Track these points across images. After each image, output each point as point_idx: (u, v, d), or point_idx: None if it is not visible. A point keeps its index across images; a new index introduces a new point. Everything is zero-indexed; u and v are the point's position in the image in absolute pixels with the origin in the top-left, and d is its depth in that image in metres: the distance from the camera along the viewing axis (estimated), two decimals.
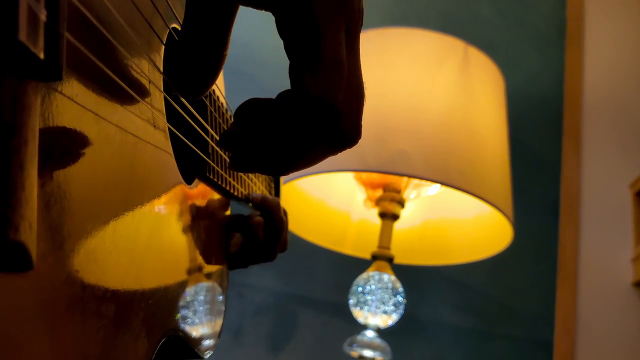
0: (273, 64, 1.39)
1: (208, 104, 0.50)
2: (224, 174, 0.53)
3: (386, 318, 1.09)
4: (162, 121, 0.38)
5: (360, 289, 1.10)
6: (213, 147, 0.50)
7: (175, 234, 0.41)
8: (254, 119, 0.35)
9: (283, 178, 0.83)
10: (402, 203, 1.13)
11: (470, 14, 1.62)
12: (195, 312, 0.45)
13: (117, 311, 0.30)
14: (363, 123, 0.37)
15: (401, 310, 1.10)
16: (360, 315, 1.10)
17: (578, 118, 1.56)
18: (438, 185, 1.11)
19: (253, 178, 0.65)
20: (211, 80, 0.41)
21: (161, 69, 0.39)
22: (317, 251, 1.29)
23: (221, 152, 0.52)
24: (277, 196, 0.78)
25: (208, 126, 0.49)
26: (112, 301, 0.29)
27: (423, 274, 1.38)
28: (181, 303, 0.41)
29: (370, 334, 1.09)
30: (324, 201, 1.27)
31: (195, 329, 0.45)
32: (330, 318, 1.39)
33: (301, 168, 0.36)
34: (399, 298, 1.10)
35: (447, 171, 1.03)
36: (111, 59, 0.30)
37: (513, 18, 1.63)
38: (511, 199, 1.14)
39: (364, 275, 1.11)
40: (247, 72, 1.44)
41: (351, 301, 1.11)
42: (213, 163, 0.50)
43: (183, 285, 0.42)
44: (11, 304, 0.21)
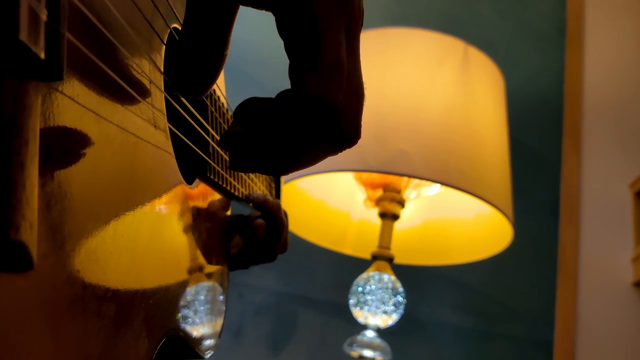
0: (273, 64, 1.39)
1: (209, 104, 0.50)
2: (225, 174, 0.53)
3: (386, 318, 1.09)
4: (163, 121, 0.38)
5: (360, 289, 1.10)
6: (214, 147, 0.50)
7: (176, 234, 0.41)
8: (254, 118, 0.35)
9: (283, 178, 0.83)
10: (402, 203, 1.13)
11: (470, 14, 1.62)
12: (195, 312, 0.45)
13: (118, 311, 0.30)
14: (363, 123, 0.37)
15: (401, 310, 1.10)
16: (360, 315, 1.10)
17: (578, 118, 1.56)
18: (438, 185, 1.11)
19: (254, 178, 0.65)
20: (212, 80, 0.41)
21: (162, 69, 0.39)
22: (317, 251, 1.29)
23: (222, 152, 0.52)
24: (278, 196, 0.78)
25: (209, 126, 0.49)
26: (113, 301, 0.29)
27: (423, 274, 1.38)
28: (182, 303, 0.41)
29: (370, 334, 1.09)
30: (324, 201, 1.27)
31: (195, 329, 0.45)
32: (330, 318, 1.39)
33: (301, 168, 0.36)
34: (399, 298, 1.10)
35: (447, 171, 1.03)
36: (112, 59, 0.30)
37: (513, 18, 1.63)
38: (511, 199, 1.14)
39: (364, 275, 1.11)
40: (248, 72, 1.44)
41: (351, 301, 1.11)
42: (214, 163, 0.50)
43: (184, 285, 0.42)
44: (12, 304, 0.21)
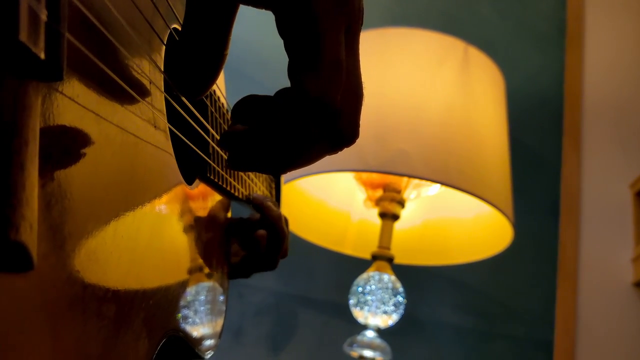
0: (273, 64, 1.39)
1: (209, 104, 0.50)
2: (225, 175, 0.53)
3: (386, 318, 1.09)
4: (163, 121, 0.38)
5: (360, 289, 1.10)
6: (214, 148, 0.50)
7: (176, 234, 0.41)
8: (252, 116, 0.35)
9: (283, 178, 0.83)
10: (402, 203, 1.13)
11: (470, 14, 1.62)
12: (196, 312, 0.45)
13: (118, 311, 0.30)
14: (363, 123, 0.37)
15: (401, 310, 1.10)
16: (360, 315, 1.10)
17: (578, 118, 1.56)
18: (438, 185, 1.11)
19: (254, 178, 0.65)
20: (212, 80, 0.41)
21: (162, 69, 0.39)
22: (318, 251, 1.29)
23: (222, 153, 0.52)
24: (278, 196, 0.77)
25: (209, 126, 0.49)
26: (113, 301, 0.29)
27: (423, 274, 1.38)
28: (182, 303, 0.41)
29: (370, 334, 1.09)
30: (324, 201, 1.27)
31: (196, 329, 0.45)
32: (330, 318, 1.39)
33: (299, 167, 0.36)
34: (399, 298, 1.10)
35: (447, 171, 1.03)
36: (112, 59, 0.30)
37: (513, 18, 1.63)
38: (511, 199, 1.13)
39: (364, 275, 1.11)
40: (248, 72, 1.44)
41: (351, 301, 1.11)
42: (214, 163, 0.50)
43: (184, 285, 0.42)
44: (12, 304, 0.21)
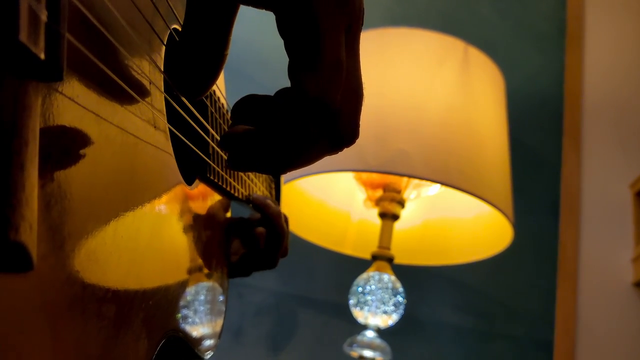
0: (273, 64, 1.39)
1: (209, 105, 0.50)
2: (225, 175, 0.53)
3: (386, 318, 1.09)
4: (163, 122, 0.38)
5: (360, 289, 1.10)
6: (214, 148, 0.50)
7: (176, 234, 0.41)
8: (252, 115, 0.35)
9: (283, 178, 0.83)
10: (402, 203, 1.13)
11: (470, 14, 1.62)
12: (195, 312, 0.45)
13: (118, 312, 0.30)
14: (363, 123, 0.37)
15: (401, 310, 1.10)
16: (360, 315, 1.10)
17: (578, 118, 1.56)
18: (438, 185, 1.11)
19: (254, 179, 0.65)
20: (212, 80, 0.41)
21: (162, 70, 0.39)
22: (317, 251, 1.29)
23: (222, 153, 0.52)
24: (278, 197, 0.77)
25: (209, 127, 0.49)
26: (113, 302, 0.29)
27: (423, 274, 1.38)
28: (182, 303, 0.41)
29: (370, 334, 1.09)
30: (324, 201, 1.27)
31: (195, 329, 0.45)
32: (330, 318, 1.39)
33: (299, 167, 0.36)
34: (399, 298, 1.10)
35: (447, 171, 1.03)
36: (112, 60, 0.30)
37: (513, 18, 1.63)
38: (511, 199, 1.13)
39: (364, 275, 1.11)
40: (248, 73, 1.44)
41: (351, 301, 1.11)
42: (213, 164, 0.50)
43: (184, 285, 0.42)
44: (12, 305, 0.21)
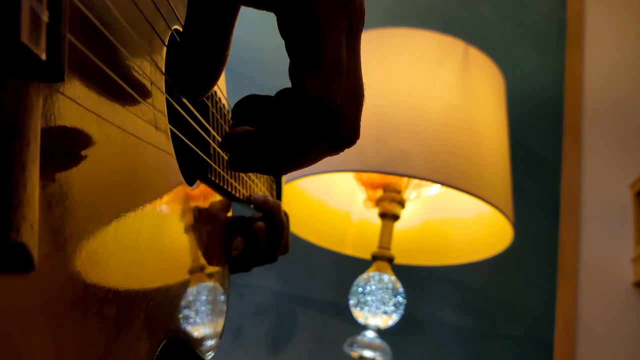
0: (274, 64, 1.39)
1: (210, 105, 0.50)
2: (226, 175, 0.53)
3: (386, 318, 1.09)
4: (164, 122, 0.38)
5: (360, 290, 1.10)
6: (215, 149, 0.50)
7: (177, 235, 0.41)
8: (252, 115, 0.35)
9: (284, 179, 0.83)
10: (403, 203, 1.13)
11: (470, 14, 1.62)
12: (197, 312, 0.45)
13: (119, 312, 0.30)
14: (363, 123, 0.37)
15: (401, 310, 1.10)
16: (360, 315, 1.10)
17: (578, 118, 1.56)
18: (438, 185, 1.11)
19: (255, 179, 0.65)
20: (213, 80, 0.41)
21: (163, 70, 0.39)
22: (318, 251, 1.29)
23: (222, 154, 0.52)
24: (279, 197, 0.77)
25: (210, 127, 0.49)
26: (114, 302, 0.29)
27: (423, 274, 1.38)
28: (183, 303, 0.41)
29: (370, 335, 1.09)
30: (325, 201, 1.27)
31: (197, 329, 0.45)
32: (330, 318, 1.39)
33: (299, 167, 0.36)
34: (399, 298, 1.10)
35: (447, 171, 1.03)
36: (113, 60, 0.30)
37: (513, 18, 1.63)
38: (511, 199, 1.13)
39: (364, 275, 1.11)
40: (248, 73, 1.44)
41: (351, 301, 1.11)
42: (214, 164, 0.50)
43: (185, 285, 0.42)
44: (13, 305, 0.21)
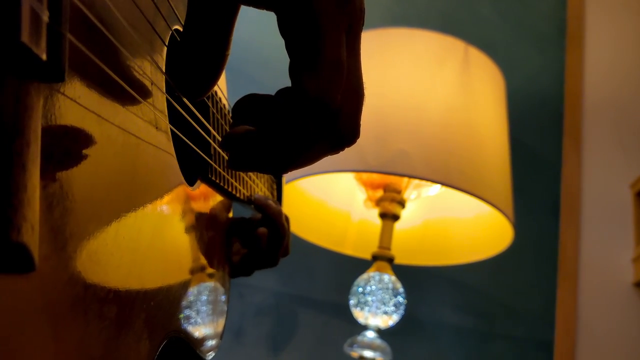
0: (274, 64, 1.39)
1: (210, 105, 0.50)
2: (226, 176, 0.53)
3: (387, 318, 1.09)
4: (164, 122, 0.38)
5: (360, 290, 1.10)
6: (215, 149, 0.50)
7: (177, 235, 0.41)
8: (252, 115, 0.35)
9: (285, 179, 0.83)
10: (403, 203, 1.13)
11: (470, 14, 1.62)
12: (198, 313, 0.45)
13: (119, 312, 0.30)
14: (363, 123, 0.37)
15: (402, 310, 1.10)
16: (360, 315, 1.10)
17: (578, 118, 1.56)
18: (438, 185, 1.11)
19: (255, 179, 0.65)
20: (213, 80, 0.41)
21: (163, 70, 0.39)
22: (318, 251, 1.29)
23: (223, 154, 0.52)
24: (280, 197, 0.77)
25: (210, 127, 0.49)
26: (114, 302, 0.29)
27: (423, 274, 1.38)
28: (184, 303, 0.41)
29: (370, 335, 1.09)
30: (325, 201, 1.27)
31: (197, 330, 0.45)
32: (330, 318, 1.39)
33: (299, 167, 0.36)
34: (400, 298, 1.10)
35: (448, 171, 1.03)
36: (113, 60, 0.30)
37: (513, 18, 1.63)
38: (511, 199, 1.13)
39: (365, 275, 1.11)
40: (249, 73, 1.44)
41: (352, 302, 1.11)
42: (215, 164, 0.50)
43: (185, 285, 0.42)
44: (13, 305, 0.21)
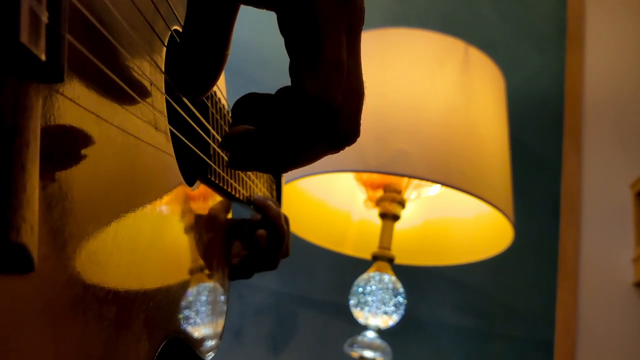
0: (274, 64, 1.39)
1: (209, 105, 0.50)
2: (226, 176, 0.53)
3: (387, 319, 1.09)
4: (164, 123, 0.38)
5: (360, 290, 1.10)
6: (214, 149, 0.50)
7: (177, 235, 0.41)
8: (252, 114, 0.35)
9: (284, 179, 0.83)
10: (403, 203, 1.13)
11: (470, 14, 1.62)
12: (197, 313, 0.45)
13: (119, 313, 0.30)
14: (363, 123, 0.37)
15: (402, 310, 1.10)
16: (360, 315, 1.10)
17: (578, 118, 1.56)
18: (438, 185, 1.11)
19: (255, 179, 0.65)
20: (213, 80, 0.41)
21: (162, 70, 0.39)
22: (318, 251, 1.29)
23: (222, 154, 0.52)
24: (279, 197, 0.77)
25: (210, 127, 0.49)
26: (114, 303, 0.29)
27: (423, 274, 1.38)
28: (183, 304, 0.41)
29: (370, 335, 1.09)
30: (325, 201, 1.27)
31: (197, 330, 0.45)
32: (330, 318, 1.39)
33: (299, 166, 0.36)
34: (400, 299, 1.10)
35: (448, 171, 1.03)
36: (112, 61, 0.30)
37: (513, 18, 1.63)
38: (511, 199, 1.13)
39: (365, 275, 1.11)
40: (248, 73, 1.44)
41: (352, 302, 1.11)
42: (214, 165, 0.50)
43: (185, 286, 0.42)
44: (13, 306, 0.21)
